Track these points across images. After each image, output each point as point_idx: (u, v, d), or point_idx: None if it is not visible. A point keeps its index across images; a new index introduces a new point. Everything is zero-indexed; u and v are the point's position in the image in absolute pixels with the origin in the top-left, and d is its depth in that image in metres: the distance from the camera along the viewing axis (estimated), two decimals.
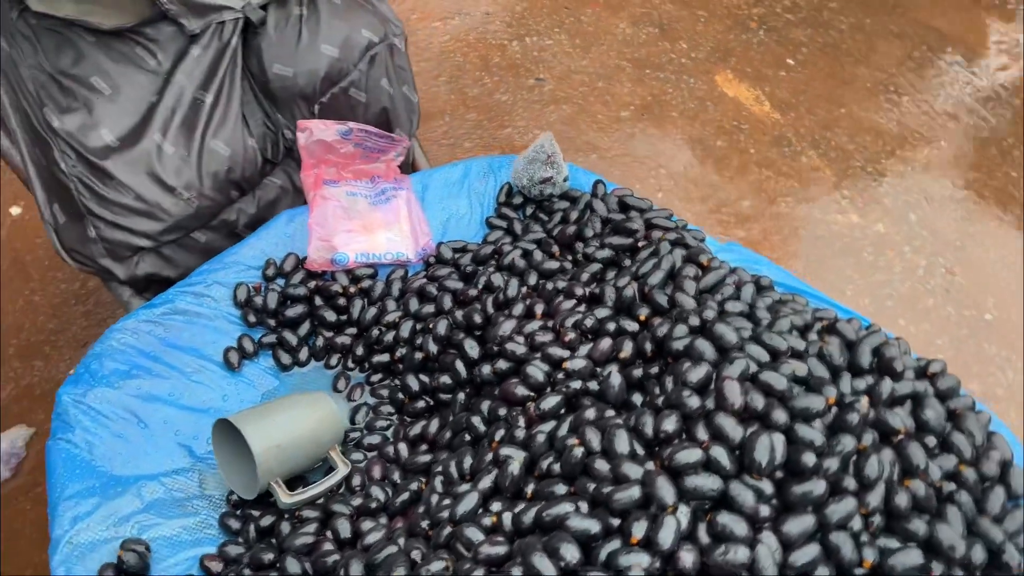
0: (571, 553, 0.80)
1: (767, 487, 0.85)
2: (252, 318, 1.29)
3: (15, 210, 2.19)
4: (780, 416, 0.89)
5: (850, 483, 0.88)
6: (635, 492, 0.84)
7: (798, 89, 2.56)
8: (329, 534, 1.01)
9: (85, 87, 1.25)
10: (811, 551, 0.83)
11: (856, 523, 0.86)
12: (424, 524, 0.97)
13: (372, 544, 0.97)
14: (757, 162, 2.36)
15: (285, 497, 1.07)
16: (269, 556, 0.99)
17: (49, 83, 1.25)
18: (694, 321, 1.03)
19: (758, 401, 0.90)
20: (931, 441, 0.97)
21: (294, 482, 1.13)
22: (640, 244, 1.26)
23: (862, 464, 0.89)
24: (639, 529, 0.81)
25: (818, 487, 0.85)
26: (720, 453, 0.85)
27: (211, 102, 1.31)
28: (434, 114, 2.49)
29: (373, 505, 1.05)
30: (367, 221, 1.37)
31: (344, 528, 1.01)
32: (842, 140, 2.42)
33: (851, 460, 0.90)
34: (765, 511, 0.84)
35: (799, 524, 0.83)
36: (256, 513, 1.09)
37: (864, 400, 0.93)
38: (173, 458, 1.15)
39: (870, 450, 0.91)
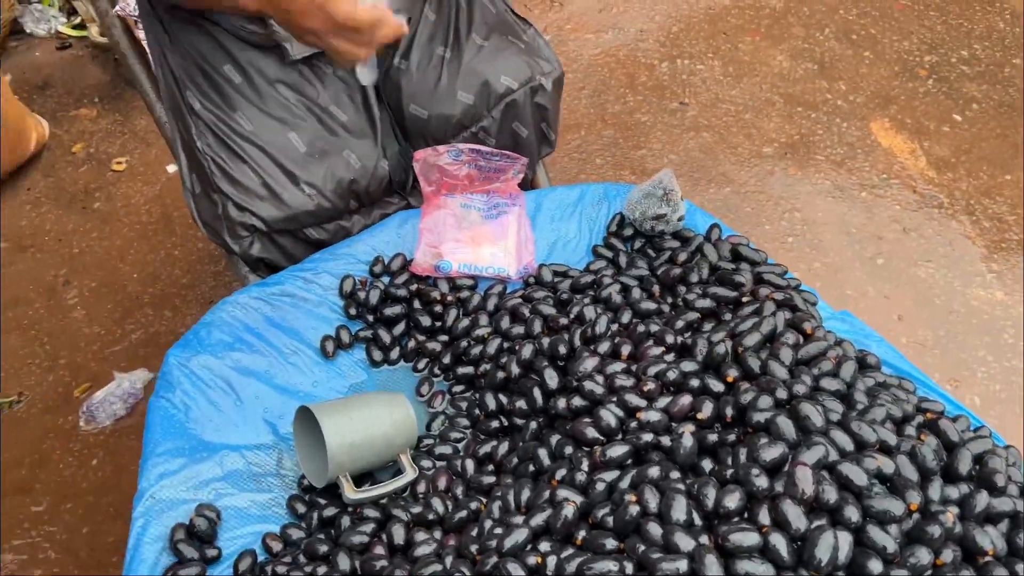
0: None
1: None
2: (353, 311, 1.34)
3: (171, 168, 2.36)
4: (852, 514, 0.84)
5: None
6: (682, 565, 0.81)
7: (961, 148, 2.39)
8: (384, 537, 1.04)
9: (224, 79, 1.33)
10: None
11: None
12: (473, 548, 0.98)
13: (420, 557, 0.99)
14: (900, 220, 2.22)
15: (351, 492, 1.10)
16: (323, 548, 1.03)
17: (193, 70, 1.34)
18: (782, 394, 0.99)
19: (831, 494, 0.85)
20: (1022, 568, 0.89)
21: (362, 478, 1.17)
22: (744, 299, 1.22)
23: None
24: None
25: None
26: (779, 541, 0.82)
27: (344, 120, 1.37)
28: (571, 126, 2.50)
29: (431, 517, 1.07)
30: (475, 233, 1.39)
31: (399, 535, 1.04)
32: (1002, 210, 2.24)
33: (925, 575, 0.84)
34: None
35: None
36: (322, 502, 1.13)
37: (951, 512, 0.87)
38: (258, 433, 1.21)
39: (948, 567, 0.84)
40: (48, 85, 2.65)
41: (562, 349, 1.18)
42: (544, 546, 0.93)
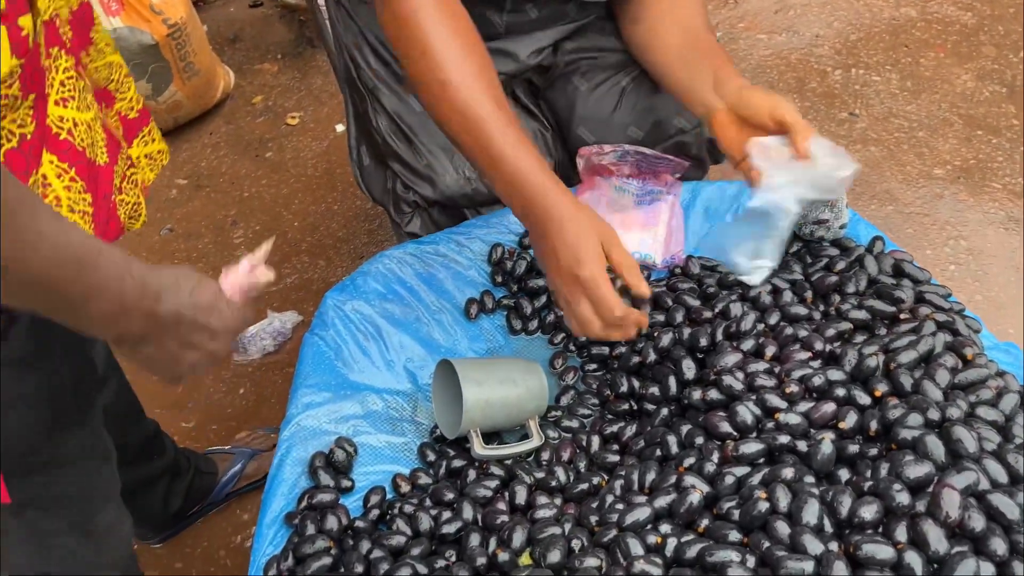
0: None
1: None
2: (499, 278, 1.38)
3: (339, 127, 2.49)
4: (999, 546, 0.80)
5: None
6: (808, 567, 0.80)
7: None
8: (506, 495, 1.07)
9: (397, 62, 1.39)
10: None
11: None
12: (592, 519, 1.00)
13: (540, 519, 1.01)
14: None
15: (479, 448, 1.14)
16: (449, 496, 1.07)
17: (367, 48, 1.41)
18: (933, 415, 0.95)
19: (978, 522, 0.81)
20: None
21: (490, 438, 1.21)
22: (902, 316, 1.17)
23: None
24: None
25: None
26: (915, 560, 0.79)
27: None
28: None
29: (552, 484, 1.10)
30: (626, 217, 1.39)
31: (521, 495, 1.06)
32: None
33: None
34: None
35: None
36: (451, 453, 1.17)
37: None
38: (399, 380, 1.27)
39: None
40: (238, 39, 2.84)
41: (703, 341, 1.17)
42: (665, 528, 0.94)
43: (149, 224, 2.29)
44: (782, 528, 0.86)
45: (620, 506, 0.99)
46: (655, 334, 1.22)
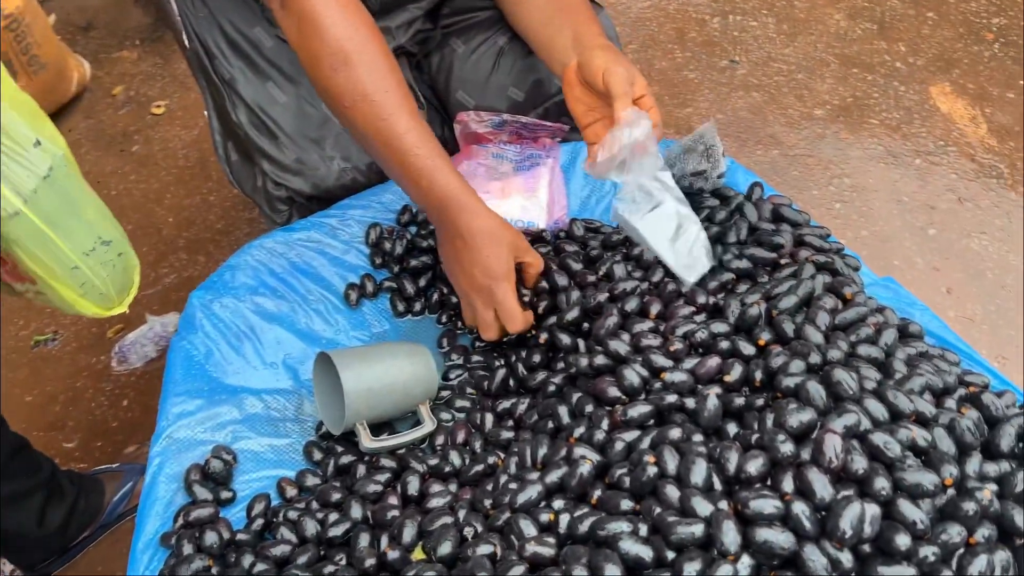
0: (612, 573, 0.76)
1: (846, 559, 0.77)
2: (379, 260, 1.32)
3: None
4: (882, 485, 0.80)
5: None
6: (698, 529, 0.78)
7: None
8: (398, 488, 1.03)
9: (253, 44, 1.30)
10: None
11: None
12: (487, 503, 0.96)
13: (433, 509, 0.97)
14: (955, 190, 2.12)
15: (367, 441, 1.09)
16: (336, 496, 1.02)
17: (220, 35, 1.31)
18: (815, 359, 0.94)
19: (860, 463, 0.80)
20: None
21: (381, 428, 1.15)
22: (783, 261, 1.16)
23: (967, 561, 0.78)
24: (690, 569, 0.75)
25: (906, 573, 0.76)
26: (802, 510, 0.78)
27: None
28: None
29: (447, 469, 1.05)
30: (506, 184, 1.35)
31: (413, 486, 1.02)
32: None
33: (955, 553, 0.79)
34: None
35: None
36: (339, 449, 1.12)
37: (988, 489, 0.82)
38: (278, 378, 1.20)
39: (981, 546, 0.79)
40: (92, 26, 2.65)
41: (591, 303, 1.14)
42: (558, 503, 0.91)
43: None
44: (672, 492, 0.83)
45: (513, 485, 0.95)
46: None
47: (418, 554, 0.90)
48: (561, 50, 1.21)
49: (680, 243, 1.13)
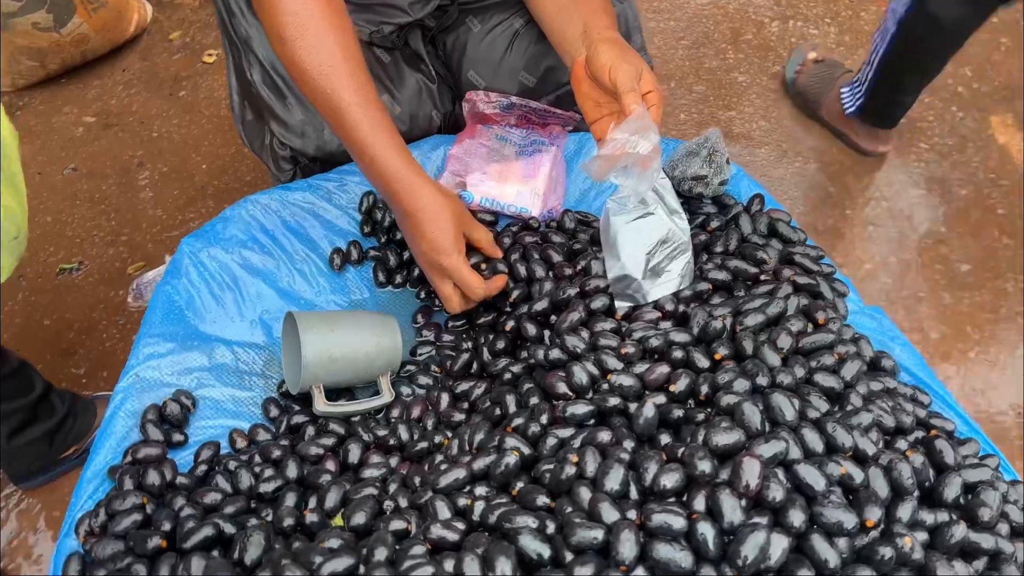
0: (503, 569, 0.76)
1: None
2: (368, 228, 1.33)
3: None
4: (796, 518, 0.77)
5: None
6: (598, 534, 0.77)
7: None
8: (340, 454, 1.04)
9: None
10: None
11: None
12: (417, 480, 0.97)
13: (364, 478, 0.98)
14: (1001, 226, 2.03)
15: (320, 404, 1.10)
16: (277, 453, 1.04)
17: None
18: (763, 380, 0.92)
19: (777, 492, 0.78)
20: None
21: (341, 393, 1.17)
22: (763, 278, 1.13)
23: None
24: (581, 571, 0.75)
25: None
26: (707, 531, 0.76)
27: (389, 61, 1.35)
28: (661, 77, 2.38)
29: (392, 442, 1.06)
30: (505, 168, 1.34)
31: (354, 454, 1.03)
32: None
33: None
34: None
35: None
36: (295, 408, 1.14)
37: (909, 537, 0.79)
38: (252, 332, 1.23)
39: None
40: None
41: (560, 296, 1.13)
42: (481, 490, 0.91)
43: (52, 163, 2.22)
44: (584, 494, 0.83)
45: (443, 467, 0.95)
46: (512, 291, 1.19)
47: (337, 520, 0.92)
48: (571, 41, 1.19)
49: (657, 257, 1.11)
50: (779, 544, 0.76)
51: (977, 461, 0.95)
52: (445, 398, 1.13)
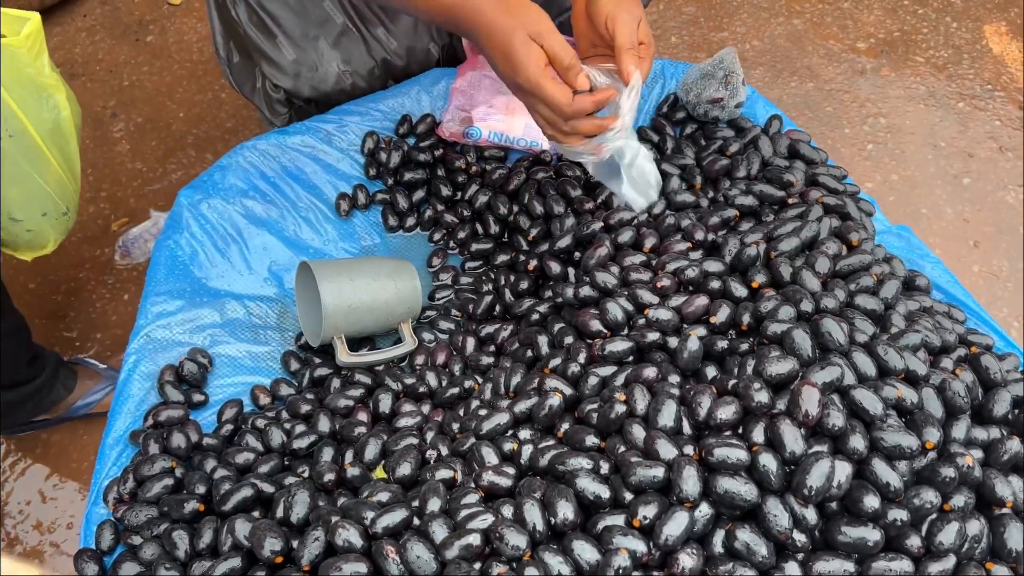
0: (565, 512, 0.74)
1: (810, 516, 0.74)
2: (373, 171, 1.27)
3: None
4: (857, 443, 0.76)
5: (915, 544, 0.74)
6: (658, 472, 0.75)
7: None
8: (370, 405, 1.01)
9: None
10: None
11: None
12: (455, 427, 0.94)
13: (400, 428, 0.96)
14: (997, 137, 2.01)
15: (344, 355, 1.07)
16: (306, 408, 1.00)
17: None
18: (807, 306, 0.90)
19: (836, 419, 0.77)
20: None
21: (361, 343, 1.13)
22: (791, 200, 1.10)
23: (936, 528, 0.75)
24: (645, 512, 0.73)
25: (871, 536, 0.73)
26: (769, 462, 0.74)
27: None
28: None
29: (421, 390, 1.04)
30: (511, 100, 1.28)
31: (385, 404, 1.00)
32: None
33: (927, 519, 0.76)
34: (798, 541, 0.73)
35: (831, 567, 0.72)
36: (317, 361, 1.10)
37: (970, 456, 0.78)
38: (262, 284, 1.18)
39: (956, 514, 0.76)
40: None
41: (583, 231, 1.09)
42: (524, 434, 0.88)
43: None
44: (637, 432, 0.81)
45: (483, 412, 0.93)
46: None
47: (379, 473, 0.89)
48: None
49: (634, 170, 1.06)
50: (843, 471, 0.75)
51: (1021, 375, 0.94)
52: (471, 342, 1.10)
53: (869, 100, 2.12)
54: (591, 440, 0.84)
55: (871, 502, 0.74)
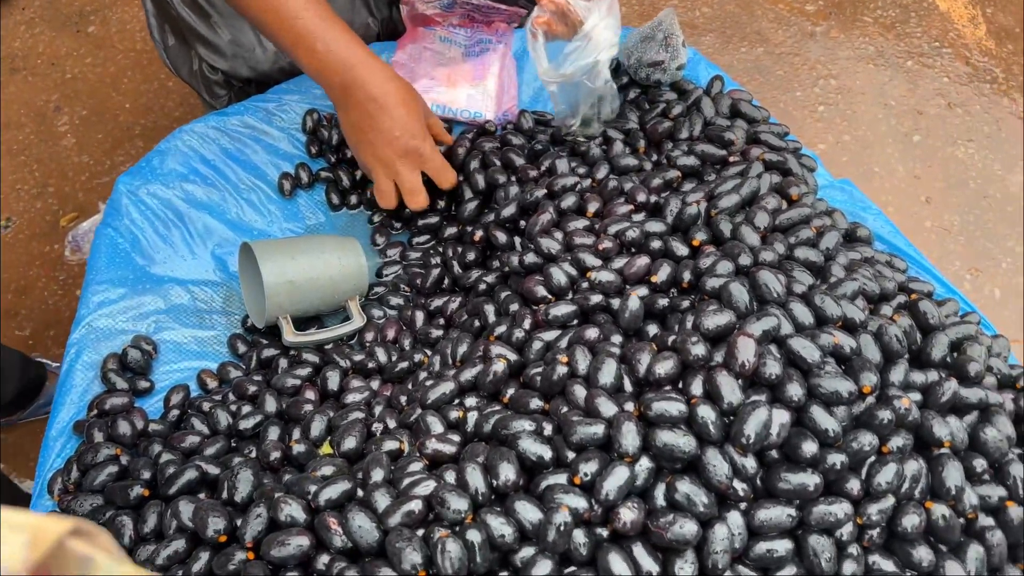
0: (506, 474, 0.74)
1: (750, 465, 0.74)
2: (315, 149, 1.26)
3: None
4: (794, 392, 0.76)
5: (854, 487, 0.75)
6: (598, 430, 0.75)
7: None
8: (318, 383, 1.00)
9: None
10: (779, 546, 0.73)
11: (847, 532, 0.75)
12: (403, 399, 0.94)
13: (348, 404, 0.95)
14: (946, 94, 2.03)
15: (289, 335, 1.06)
16: (252, 388, 0.99)
17: None
18: (745, 260, 0.90)
19: (773, 368, 0.77)
20: (981, 465, 0.81)
21: (309, 322, 1.12)
22: (732, 159, 1.10)
23: (875, 469, 0.76)
24: (586, 469, 0.73)
25: (810, 481, 0.73)
26: (707, 413, 0.75)
27: None
28: None
29: (371, 365, 1.03)
30: (453, 72, 1.27)
31: (333, 381, 0.99)
32: None
33: (866, 462, 0.77)
34: (740, 490, 0.74)
35: (772, 514, 0.73)
36: (264, 342, 1.09)
37: (906, 398, 0.79)
38: (206, 269, 1.16)
39: (894, 455, 0.77)
40: None
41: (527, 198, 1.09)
42: (470, 401, 0.88)
43: None
44: (579, 392, 0.80)
45: (430, 383, 0.92)
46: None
47: (325, 449, 0.89)
48: None
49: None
50: (780, 419, 0.75)
51: (959, 320, 0.95)
52: (420, 316, 1.09)
53: (819, 62, 2.13)
54: (535, 403, 0.83)
55: (809, 448, 0.74)
